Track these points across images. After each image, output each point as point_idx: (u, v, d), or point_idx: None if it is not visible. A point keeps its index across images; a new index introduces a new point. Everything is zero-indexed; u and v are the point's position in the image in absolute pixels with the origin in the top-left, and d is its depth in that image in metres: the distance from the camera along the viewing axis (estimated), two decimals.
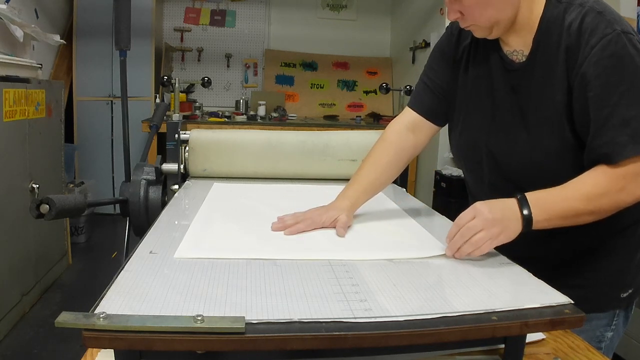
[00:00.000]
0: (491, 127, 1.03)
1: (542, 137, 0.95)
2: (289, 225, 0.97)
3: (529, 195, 0.86)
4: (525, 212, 0.85)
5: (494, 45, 1.03)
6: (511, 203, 0.86)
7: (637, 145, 0.86)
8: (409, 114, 1.17)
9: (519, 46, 0.99)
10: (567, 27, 0.91)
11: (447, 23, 1.17)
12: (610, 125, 0.87)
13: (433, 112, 1.14)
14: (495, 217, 0.83)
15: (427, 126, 1.15)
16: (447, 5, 0.95)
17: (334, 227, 0.97)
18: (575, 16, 0.91)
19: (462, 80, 1.10)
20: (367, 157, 1.14)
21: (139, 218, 1.30)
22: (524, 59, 0.98)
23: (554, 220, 0.88)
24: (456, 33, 1.11)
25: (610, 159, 0.87)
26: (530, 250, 1.05)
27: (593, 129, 0.89)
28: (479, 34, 0.98)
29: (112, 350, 0.58)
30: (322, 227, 0.98)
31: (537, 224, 0.86)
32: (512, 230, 0.85)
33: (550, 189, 0.88)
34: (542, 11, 0.95)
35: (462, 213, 0.86)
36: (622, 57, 0.86)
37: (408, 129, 1.15)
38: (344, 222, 0.97)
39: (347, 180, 1.12)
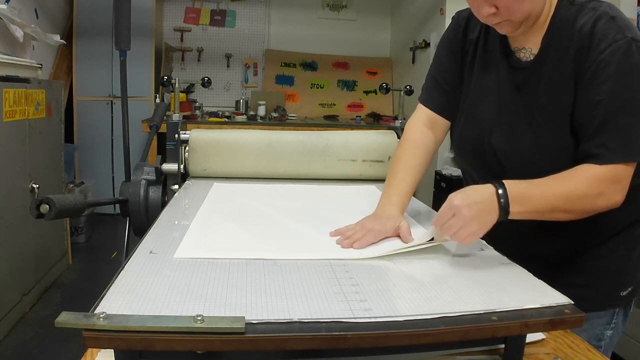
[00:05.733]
0: (495, 123, 1.03)
1: (546, 137, 0.96)
2: (356, 238, 0.92)
3: (509, 187, 0.85)
4: (503, 205, 0.85)
5: (502, 41, 1.03)
6: (489, 196, 0.85)
7: (628, 154, 0.87)
8: (423, 111, 1.16)
9: (528, 44, 0.99)
10: (578, 29, 0.91)
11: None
12: (606, 129, 0.88)
13: (445, 107, 1.14)
14: (473, 214, 0.83)
15: (442, 122, 1.15)
16: (479, 1, 0.92)
17: (394, 235, 0.95)
18: (587, 19, 0.91)
19: (467, 74, 1.10)
20: (398, 160, 1.12)
21: (139, 218, 1.30)
22: (532, 58, 0.98)
23: (529, 213, 0.88)
24: (463, 24, 1.11)
25: (598, 161, 0.88)
26: (530, 249, 1.05)
27: (590, 131, 0.90)
28: (507, 30, 0.96)
29: (112, 350, 0.58)
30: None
31: (512, 215, 0.86)
32: (490, 223, 0.85)
33: (531, 181, 0.88)
34: (553, 11, 0.95)
35: (441, 210, 0.85)
36: (630, 64, 0.86)
37: (427, 126, 1.15)
38: (407, 229, 0.95)
39: (347, 180, 1.12)
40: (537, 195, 0.88)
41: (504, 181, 0.86)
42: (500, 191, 0.85)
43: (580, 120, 0.91)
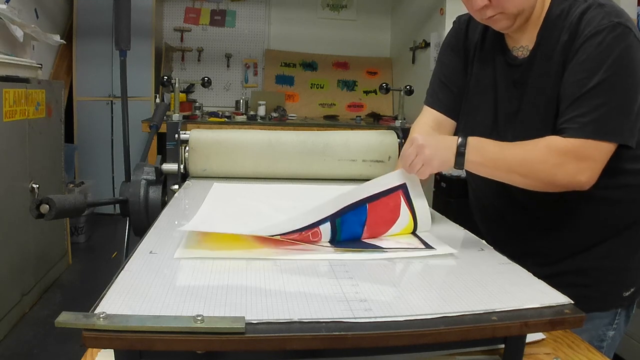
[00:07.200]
0: (493, 121, 1.05)
1: (538, 130, 0.96)
2: None
3: (471, 137, 0.90)
4: (460, 146, 0.89)
5: (500, 41, 1.04)
6: (450, 138, 0.91)
7: (595, 132, 0.87)
8: (429, 113, 1.17)
9: (524, 42, 1.00)
10: (569, 22, 0.93)
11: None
12: (579, 106, 0.88)
13: (452, 108, 1.15)
14: (427, 143, 0.89)
15: (448, 123, 1.15)
16: None
17: None
18: (578, 11, 0.92)
19: (468, 74, 1.11)
20: (399, 163, 1.14)
21: (139, 218, 1.30)
22: (528, 54, 0.99)
23: (486, 167, 0.90)
24: (464, 27, 1.12)
25: (563, 134, 0.89)
26: (531, 248, 1.05)
27: (563, 108, 0.91)
28: (502, 24, 0.97)
29: (112, 350, 0.58)
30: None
31: (468, 164, 0.89)
32: (445, 158, 0.89)
33: (497, 141, 0.92)
34: (548, 7, 0.97)
35: (404, 146, 0.93)
36: (610, 45, 0.87)
37: (432, 128, 1.15)
38: None
39: (347, 180, 1.12)
40: (495, 150, 0.90)
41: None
42: (460, 137, 0.90)
43: (561, 100, 0.93)
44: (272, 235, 0.83)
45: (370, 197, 0.90)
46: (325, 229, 0.87)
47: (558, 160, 0.87)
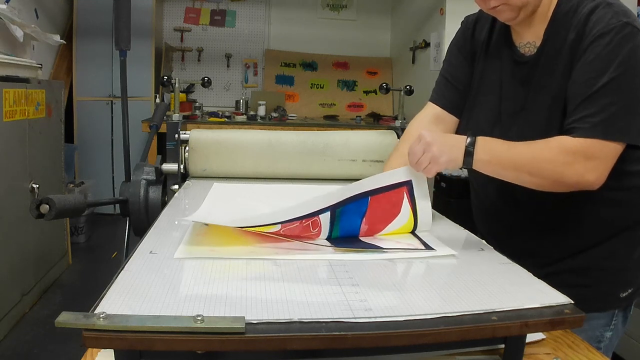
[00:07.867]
0: (497, 119, 1.05)
1: (542, 129, 0.96)
2: None
3: (479, 137, 0.90)
4: (469, 145, 0.88)
5: (507, 39, 1.04)
6: (458, 136, 0.91)
7: (603, 132, 0.87)
8: (431, 108, 1.16)
9: (530, 37, 1.00)
10: (577, 20, 0.93)
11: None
12: (587, 106, 0.88)
13: (456, 105, 1.14)
14: (434, 140, 0.88)
15: (450, 120, 1.15)
16: None
17: None
18: (586, 10, 0.92)
19: (474, 73, 1.11)
20: (394, 152, 1.14)
21: (139, 218, 1.30)
22: (535, 51, 0.99)
23: (495, 166, 0.90)
24: (471, 27, 1.13)
25: (572, 134, 0.89)
26: (530, 248, 1.05)
27: (572, 107, 0.91)
28: (506, 15, 0.97)
29: (112, 350, 0.58)
30: None
31: (477, 163, 0.88)
32: (453, 156, 0.88)
33: (505, 140, 0.92)
34: (556, 4, 0.97)
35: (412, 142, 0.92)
36: (618, 45, 0.87)
37: (432, 122, 1.15)
38: None
39: (347, 180, 1.12)
40: (503, 149, 0.90)
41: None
42: (469, 136, 0.89)
43: (568, 99, 0.92)
44: (274, 224, 0.83)
45: (373, 190, 0.90)
46: (325, 218, 0.87)
47: (567, 159, 0.87)
